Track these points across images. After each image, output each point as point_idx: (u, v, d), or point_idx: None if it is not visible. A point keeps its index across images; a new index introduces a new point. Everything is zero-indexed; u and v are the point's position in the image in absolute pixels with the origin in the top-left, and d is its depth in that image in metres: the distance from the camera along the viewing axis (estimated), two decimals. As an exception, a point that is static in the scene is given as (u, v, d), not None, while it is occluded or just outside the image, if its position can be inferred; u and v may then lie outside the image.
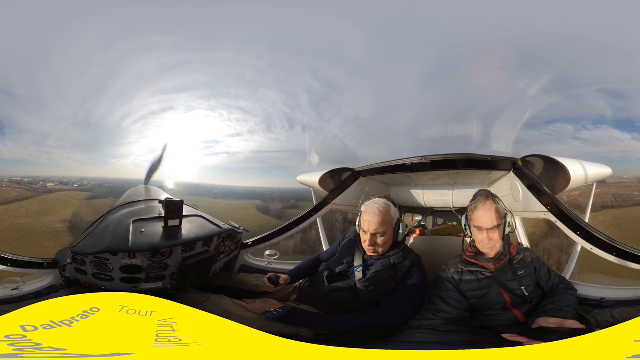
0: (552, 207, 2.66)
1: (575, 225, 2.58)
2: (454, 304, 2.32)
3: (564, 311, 2.15)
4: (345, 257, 2.65)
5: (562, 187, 2.69)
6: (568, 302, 2.23)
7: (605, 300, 2.47)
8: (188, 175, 3.76)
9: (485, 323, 2.32)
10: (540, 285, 2.37)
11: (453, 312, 2.30)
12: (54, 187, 3.78)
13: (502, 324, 2.26)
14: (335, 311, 2.46)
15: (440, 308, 2.32)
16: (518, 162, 2.89)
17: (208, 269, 3.14)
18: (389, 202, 2.60)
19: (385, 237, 2.48)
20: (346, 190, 3.64)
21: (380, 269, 2.46)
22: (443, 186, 3.62)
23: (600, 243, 2.49)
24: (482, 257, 2.36)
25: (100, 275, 2.69)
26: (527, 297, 2.28)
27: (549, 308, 2.20)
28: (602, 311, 2.37)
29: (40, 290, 2.72)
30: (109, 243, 2.65)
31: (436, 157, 2.99)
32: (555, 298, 2.27)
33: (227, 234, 3.15)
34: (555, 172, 2.72)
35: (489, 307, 2.31)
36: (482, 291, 2.32)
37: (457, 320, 2.30)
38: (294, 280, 2.84)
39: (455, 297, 2.34)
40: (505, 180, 3.10)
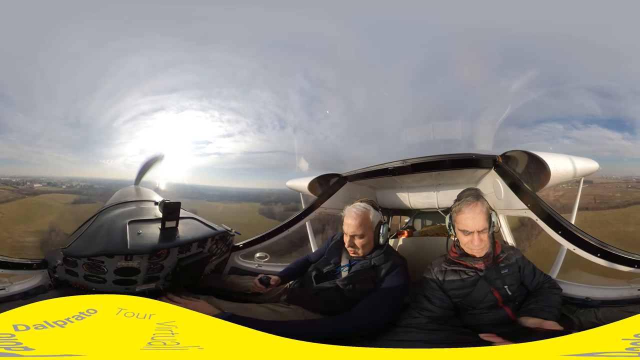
0: (532, 205, 2.63)
1: (557, 224, 2.53)
2: (438, 303, 2.34)
3: (545, 311, 2.15)
4: (332, 257, 2.74)
5: (542, 183, 2.66)
6: (551, 302, 2.23)
7: (590, 299, 2.43)
8: (179, 176, 3.74)
9: (468, 322, 2.33)
10: (524, 284, 2.37)
11: (437, 311, 2.32)
12: (40, 189, 3.67)
13: (487, 323, 2.27)
14: (324, 310, 2.52)
15: (424, 307, 2.35)
16: (498, 159, 2.90)
17: (201, 271, 3.19)
18: (369, 205, 2.64)
19: (364, 240, 2.54)
20: (334, 195, 3.71)
21: (359, 269, 2.53)
22: (427, 188, 3.70)
23: (583, 244, 2.44)
24: (468, 258, 2.36)
25: (92, 277, 2.67)
26: (510, 297, 2.29)
27: (531, 308, 2.20)
28: (587, 311, 2.33)
29: (28, 291, 2.66)
30: (105, 245, 2.62)
31: (416, 160, 3.04)
32: (539, 297, 2.27)
33: (220, 235, 3.19)
34: (534, 167, 2.69)
35: (472, 305, 2.32)
36: (465, 290, 2.33)
37: (441, 318, 2.31)
38: (284, 281, 2.91)
39: (438, 296, 2.36)
40: (489, 178, 3.14)
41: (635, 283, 2.35)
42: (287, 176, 3.82)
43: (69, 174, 3.69)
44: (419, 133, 3.29)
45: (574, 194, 2.97)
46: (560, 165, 2.65)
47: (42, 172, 3.62)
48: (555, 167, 2.62)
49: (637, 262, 2.30)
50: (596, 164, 2.88)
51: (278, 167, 3.90)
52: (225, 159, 3.79)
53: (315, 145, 3.78)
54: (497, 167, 2.91)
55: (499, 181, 2.91)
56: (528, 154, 2.73)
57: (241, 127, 3.76)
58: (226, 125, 3.75)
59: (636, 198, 3.26)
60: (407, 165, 3.05)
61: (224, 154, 3.76)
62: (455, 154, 3.00)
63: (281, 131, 3.79)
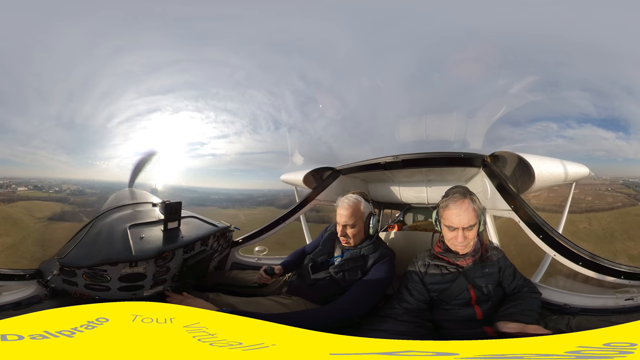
0: (515, 207, 2.62)
1: (538, 228, 2.46)
2: (416, 296, 2.37)
3: (525, 315, 2.11)
4: (326, 248, 2.87)
5: (526, 186, 2.63)
6: (530, 306, 2.20)
7: (569, 306, 2.35)
8: (176, 178, 3.71)
9: (437, 317, 2.36)
10: (502, 285, 2.37)
11: (414, 303, 2.36)
12: (23, 194, 3.38)
13: (454, 319, 2.31)
14: (321, 299, 2.62)
15: (404, 298, 2.38)
16: (486, 159, 2.92)
17: (206, 268, 3.20)
18: (360, 197, 2.75)
19: (355, 229, 2.65)
20: (327, 188, 3.81)
21: (349, 257, 2.65)
22: (418, 183, 3.85)
23: (564, 251, 2.35)
24: (451, 254, 2.37)
25: (95, 286, 2.55)
26: (485, 296, 2.30)
27: (511, 312, 2.16)
28: (560, 318, 2.25)
29: (20, 301, 2.47)
30: (107, 253, 2.52)
31: (407, 156, 3.11)
32: (518, 302, 2.24)
33: (221, 232, 3.23)
34: (520, 169, 2.67)
35: (447, 301, 2.34)
36: (443, 285, 2.35)
37: (415, 311, 2.34)
38: (285, 272, 3.01)
39: (418, 289, 2.39)
40: (478, 177, 3.20)
41: (622, 293, 2.26)
42: (284, 175, 3.88)
43: (63, 175, 3.56)
44: (412, 131, 3.36)
45: (567, 195, 2.92)
46: (547, 168, 2.62)
47: (37, 174, 3.46)
48: (540, 171, 2.58)
49: (624, 272, 2.23)
50: (586, 169, 2.86)
51: (272, 168, 3.94)
52: (219, 159, 3.80)
53: (309, 145, 3.83)
54: (485, 166, 2.95)
55: (486, 181, 2.96)
56: (516, 155, 2.69)
57: (236, 127, 3.77)
58: (221, 126, 3.75)
59: (604, 204, 3.30)
60: (399, 161, 3.17)
61: (219, 155, 3.77)
62: (445, 152, 3.06)
63: (275, 131, 3.83)
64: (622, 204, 3.38)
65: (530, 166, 2.56)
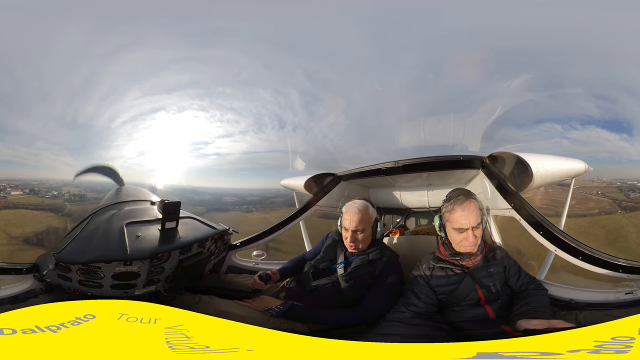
0: (515, 205, 2.66)
1: (538, 225, 2.53)
2: (424, 299, 2.38)
3: (540, 311, 2.14)
4: (328, 254, 2.84)
5: (525, 184, 2.68)
6: (542, 303, 2.24)
7: (574, 302, 2.40)
8: (182, 179, 3.70)
9: (448, 318, 2.36)
10: (508, 284, 2.39)
11: (422, 306, 2.36)
12: (14, 200, 3.27)
13: (467, 320, 2.32)
14: (321, 306, 2.61)
15: (411, 302, 2.40)
16: (485, 160, 2.95)
17: (202, 270, 3.17)
18: (367, 202, 2.80)
19: (364, 234, 2.68)
20: (328, 193, 3.81)
21: (359, 264, 2.64)
22: (419, 187, 3.82)
23: (564, 246, 2.40)
24: (456, 256, 2.40)
25: (88, 282, 2.56)
26: (493, 296, 2.33)
27: (525, 310, 2.18)
28: (568, 313, 2.28)
29: (17, 295, 2.54)
30: (102, 250, 2.52)
31: (407, 161, 3.12)
32: (529, 299, 2.27)
33: (219, 234, 3.21)
34: (518, 168, 2.71)
35: (456, 302, 2.36)
36: (450, 287, 2.37)
37: (425, 314, 2.36)
38: (282, 278, 2.98)
39: (425, 291, 2.41)
40: (478, 178, 3.20)
41: (622, 287, 2.33)
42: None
43: (66, 176, 3.52)
44: (415, 133, 3.36)
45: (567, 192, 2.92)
46: (544, 165, 2.65)
47: (41, 175, 3.44)
48: (538, 168, 2.62)
49: (622, 266, 2.28)
50: (583, 165, 2.85)
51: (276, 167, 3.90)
52: (224, 159, 3.76)
53: (314, 144, 3.78)
54: (484, 167, 2.98)
55: (486, 182, 2.99)
56: (513, 154, 2.74)
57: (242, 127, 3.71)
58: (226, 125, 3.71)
59: (583, 209, 3.24)
60: (399, 166, 3.17)
61: (224, 154, 3.73)
62: (444, 155, 3.07)
63: (281, 130, 3.80)
64: (598, 211, 3.35)
65: (528, 164, 2.60)
